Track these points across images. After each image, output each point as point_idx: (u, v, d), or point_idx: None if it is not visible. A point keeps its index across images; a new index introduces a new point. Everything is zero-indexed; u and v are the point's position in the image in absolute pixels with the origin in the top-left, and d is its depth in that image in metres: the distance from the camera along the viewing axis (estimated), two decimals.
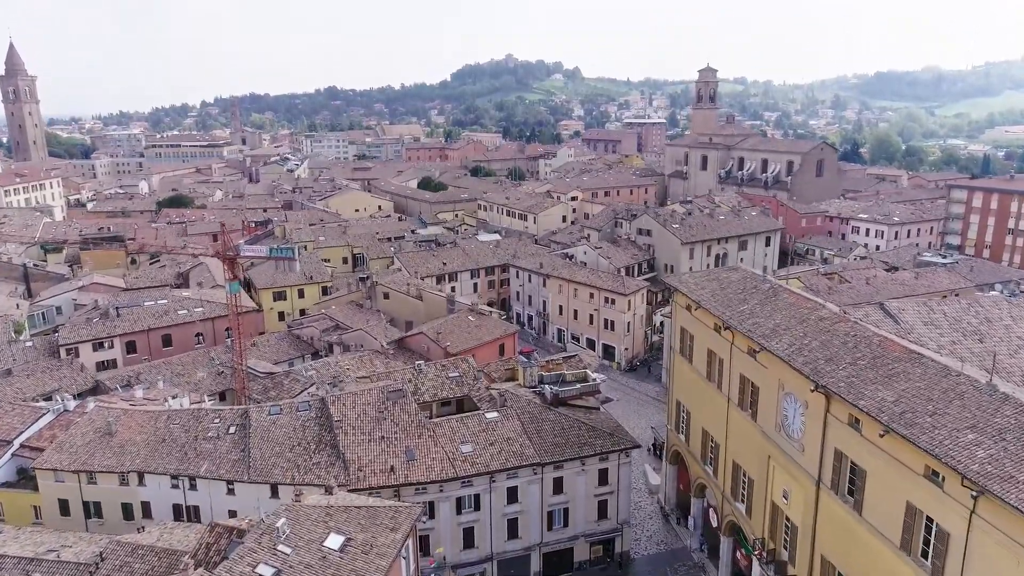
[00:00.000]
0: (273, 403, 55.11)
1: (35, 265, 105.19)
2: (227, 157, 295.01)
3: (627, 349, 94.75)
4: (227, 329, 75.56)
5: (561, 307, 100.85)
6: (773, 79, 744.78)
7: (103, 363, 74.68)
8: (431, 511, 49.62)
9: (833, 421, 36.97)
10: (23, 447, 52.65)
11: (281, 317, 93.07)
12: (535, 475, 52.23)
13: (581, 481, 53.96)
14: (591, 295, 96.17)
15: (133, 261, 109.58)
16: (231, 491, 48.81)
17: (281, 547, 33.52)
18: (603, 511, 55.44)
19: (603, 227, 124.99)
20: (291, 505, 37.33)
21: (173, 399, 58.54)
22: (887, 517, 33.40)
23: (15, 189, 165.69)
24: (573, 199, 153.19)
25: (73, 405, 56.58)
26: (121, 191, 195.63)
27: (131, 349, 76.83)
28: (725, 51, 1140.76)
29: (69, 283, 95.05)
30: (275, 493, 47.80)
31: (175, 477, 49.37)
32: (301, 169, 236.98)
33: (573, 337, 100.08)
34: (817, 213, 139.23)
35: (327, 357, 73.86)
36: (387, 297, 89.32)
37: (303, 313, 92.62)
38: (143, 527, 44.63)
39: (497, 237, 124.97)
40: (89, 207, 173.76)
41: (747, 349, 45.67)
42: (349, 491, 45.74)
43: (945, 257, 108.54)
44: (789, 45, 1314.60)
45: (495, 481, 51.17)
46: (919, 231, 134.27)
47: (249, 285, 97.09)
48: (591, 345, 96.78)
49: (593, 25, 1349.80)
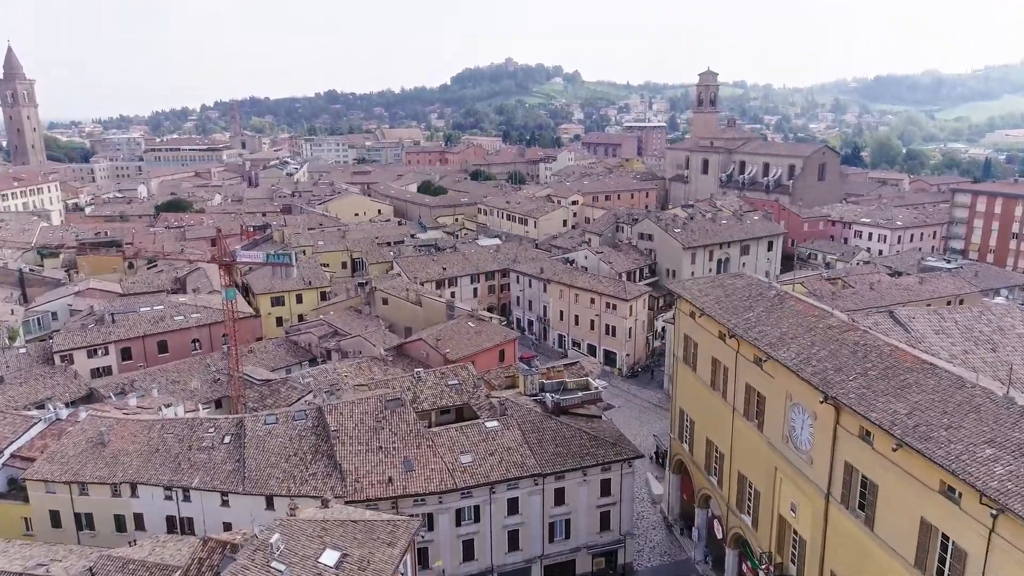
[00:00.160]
0: (269, 412, 54.15)
1: (31, 270, 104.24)
2: (226, 161, 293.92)
3: (628, 355, 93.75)
4: (224, 335, 74.56)
5: (562, 312, 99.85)
6: (773, 82, 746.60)
7: (98, 370, 73.64)
8: (430, 523, 48.62)
9: (843, 433, 35.95)
10: (14, 457, 51.72)
11: (279, 322, 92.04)
12: (536, 486, 51.23)
13: (583, 492, 52.94)
14: (592, 300, 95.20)
15: (130, 266, 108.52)
16: (226, 503, 47.85)
17: (275, 564, 32.51)
18: (605, 522, 54.41)
19: (604, 231, 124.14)
20: (285, 520, 36.30)
21: (167, 407, 57.54)
22: (900, 533, 32.37)
23: (12, 193, 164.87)
24: (574, 203, 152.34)
25: (65, 414, 55.61)
26: (120, 195, 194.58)
27: (126, 356, 75.77)
28: (724, 54, 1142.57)
29: (65, 288, 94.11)
30: (271, 505, 46.84)
31: (168, 488, 48.39)
32: (300, 173, 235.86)
33: (574, 343, 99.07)
34: (819, 217, 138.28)
35: (325, 364, 72.86)
36: (386, 303, 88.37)
37: (301, 319, 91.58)
38: (135, 540, 43.65)
39: (497, 242, 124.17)
40: (87, 211, 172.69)
41: (753, 358, 44.69)
42: (346, 503, 44.82)
43: (949, 262, 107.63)
44: (788, 46, 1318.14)
45: (495, 492, 50.16)
46: (922, 235, 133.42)
47: (247, 290, 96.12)
48: (592, 351, 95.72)
49: (592, 25, 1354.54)
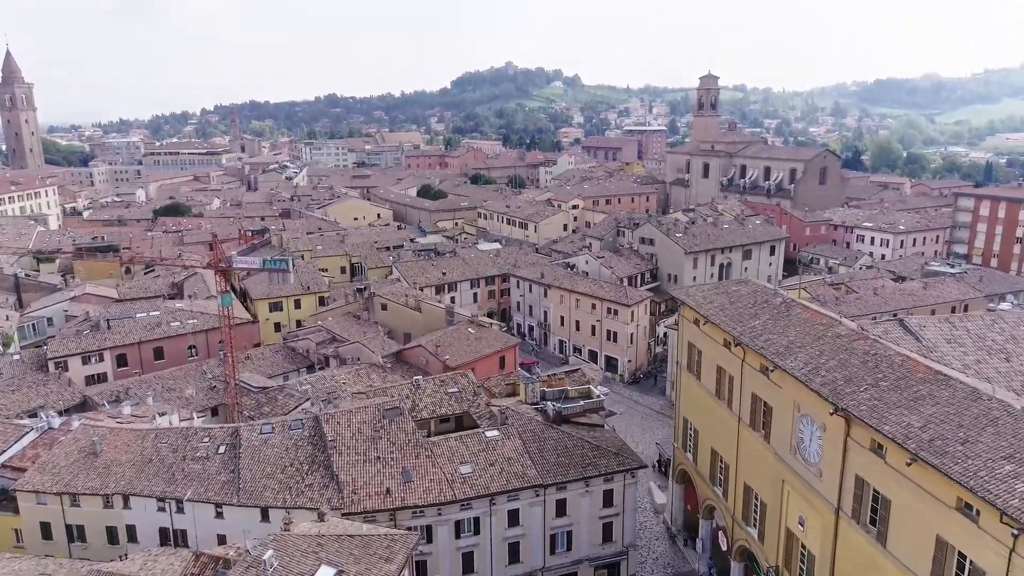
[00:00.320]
0: (265, 421, 53.11)
1: (27, 275, 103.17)
2: (226, 165, 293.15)
3: (630, 361, 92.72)
4: (220, 342, 73.53)
5: (562, 318, 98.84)
6: (772, 86, 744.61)
7: (93, 377, 72.53)
8: (428, 535, 47.55)
9: (854, 446, 34.92)
10: (4, 467, 50.72)
11: (277, 328, 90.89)
12: (537, 497, 50.18)
13: (585, 503, 51.88)
14: (593, 306, 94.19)
15: (128, 271, 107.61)
16: (220, 514, 46.80)
17: None
18: (608, 534, 53.32)
19: (605, 236, 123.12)
20: (279, 535, 35.28)
21: (162, 416, 56.51)
22: (914, 550, 31.32)
23: (10, 197, 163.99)
24: (574, 207, 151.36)
25: (58, 422, 54.50)
26: (118, 199, 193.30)
27: (122, 362, 74.74)
28: (724, 57, 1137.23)
29: (61, 293, 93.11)
30: (266, 517, 45.78)
31: (161, 500, 47.33)
32: (300, 177, 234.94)
33: (575, 348, 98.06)
34: (821, 221, 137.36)
35: (323, 371, 71.90)
36: (385, 308, 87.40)
37: (299, 324, 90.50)
38: (126, 553, 42.69)
39: (497, 246, 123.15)
40: (85, 215, 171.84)
41: (759, 367, 43.67)
42: (343, 515, 43.80)
43: (953, 266, 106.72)
44: (788, 48, 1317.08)
45: (495, 503, 49.09)
46: (925, 240, 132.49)
47: (245, 295, 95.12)
48: (593, 356, 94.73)
49: (592, 25, 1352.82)
